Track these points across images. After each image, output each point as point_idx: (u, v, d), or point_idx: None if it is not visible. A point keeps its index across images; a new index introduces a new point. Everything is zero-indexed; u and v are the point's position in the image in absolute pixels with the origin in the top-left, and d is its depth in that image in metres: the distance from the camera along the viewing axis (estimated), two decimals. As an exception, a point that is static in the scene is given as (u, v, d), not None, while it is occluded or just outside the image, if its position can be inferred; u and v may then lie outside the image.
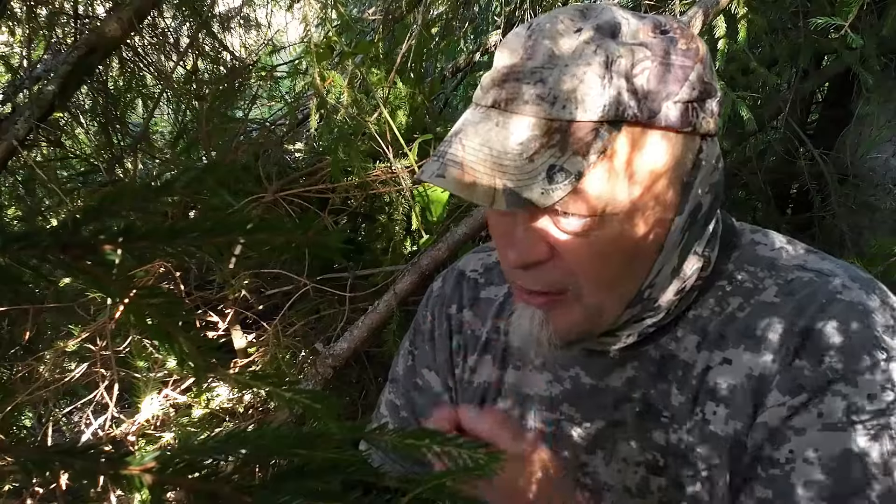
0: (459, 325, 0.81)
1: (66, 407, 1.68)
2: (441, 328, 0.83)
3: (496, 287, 0.81)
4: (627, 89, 0.56)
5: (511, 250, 0.62)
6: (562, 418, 0.72)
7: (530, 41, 0.59)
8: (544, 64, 0.57)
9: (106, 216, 0.22)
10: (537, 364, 0.74)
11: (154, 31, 1.99)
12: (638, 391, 0.68)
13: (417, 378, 0.85)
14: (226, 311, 1.66)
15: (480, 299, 0.81)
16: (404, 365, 0.87)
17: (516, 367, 0.76)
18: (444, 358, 0.82)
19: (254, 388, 0.32)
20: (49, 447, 0.31)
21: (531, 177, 0.56)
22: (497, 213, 0.63)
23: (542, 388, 0.73)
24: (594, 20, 0.59)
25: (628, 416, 0.68)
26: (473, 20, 2.64)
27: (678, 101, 0.57)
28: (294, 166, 1.98)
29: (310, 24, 1.71)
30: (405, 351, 0.88)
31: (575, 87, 0.56)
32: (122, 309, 0.27)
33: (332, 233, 0.23)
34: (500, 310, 0.79)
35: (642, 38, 0.58)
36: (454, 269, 0.86)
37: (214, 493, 0.30)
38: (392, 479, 0.35)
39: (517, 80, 0.58)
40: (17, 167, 1.81)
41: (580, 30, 0.58)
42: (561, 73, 0.56)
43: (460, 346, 0.81)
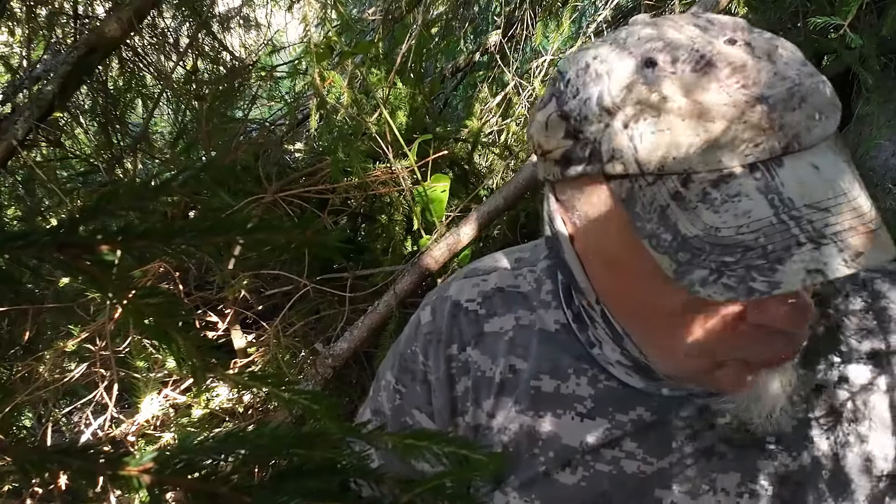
0: (466, 367, 0.71)
1: (65, 407, 1.68)
2: (438, 371, 0.72)
3: (500, 318, 0.71)
4: None
5: (802, 306, 0.51)
6: (621, 456, 0.64)
7: (769, 62, 0.48)
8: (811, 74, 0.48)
9: (104, 215, 0.22)
10: (585, 411, 0.65)
11: (154, 31, 1.99)
12: (722, 419, 0.61)
13: (407, 417, 0.76)
14: (225, 312, 1.66)
15: (486, 334, 0.71)
16: (391, 402, 0.78)
17: (555, 416, 0.66)
18: (442, 403, 0.72)
19: (253, 388, 0.32)
20: (48, 447, 0.31)
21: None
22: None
23: (594, 434, 0.65)
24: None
25: (715, 445, 0.62)
26: (473, 20, 2.65)
27: None
28: (294, 166, 1.98)
29: (309, 24, 1.71)
30: (391, 387, 0.77)
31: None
32: (121, 309, 0.27)
33: (330, 232, 0.23)
34: (511, 346, 0.70)
35: None
36: (445, 299, 0.75)
37: (213, 493, 0.30)
38: (392, 479, 0.35)
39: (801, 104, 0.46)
40: (17, 167, 1.81)
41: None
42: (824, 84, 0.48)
43: (469, 389, 0.71)
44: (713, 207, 0.46)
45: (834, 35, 1.31)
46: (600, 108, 0.50)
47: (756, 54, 0.48)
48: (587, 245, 0.57)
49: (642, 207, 0.48)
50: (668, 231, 0.47)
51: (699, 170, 0.46)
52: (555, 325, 0.69)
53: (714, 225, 0.46)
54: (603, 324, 0.61)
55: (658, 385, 0.63)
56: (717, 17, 0.52)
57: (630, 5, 2.46)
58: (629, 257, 0.52)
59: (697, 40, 0.49)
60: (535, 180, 1.50)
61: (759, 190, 0.45)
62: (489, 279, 0.74)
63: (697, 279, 0.46)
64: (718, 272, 0.45)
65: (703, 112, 0.46)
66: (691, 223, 0.46)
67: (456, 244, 1.48)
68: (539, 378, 0.67)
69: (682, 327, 0.54)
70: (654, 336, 0.57)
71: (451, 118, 2.62)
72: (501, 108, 2.17)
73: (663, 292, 0.51)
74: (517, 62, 2.29)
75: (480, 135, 1.97)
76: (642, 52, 0.50)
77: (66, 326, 1.57)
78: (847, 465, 0.60)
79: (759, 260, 0.44)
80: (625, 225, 0.50)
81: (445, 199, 1.65)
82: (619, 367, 0.64)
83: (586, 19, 2.54)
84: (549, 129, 0.54)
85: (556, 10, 2.26)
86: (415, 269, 1.49)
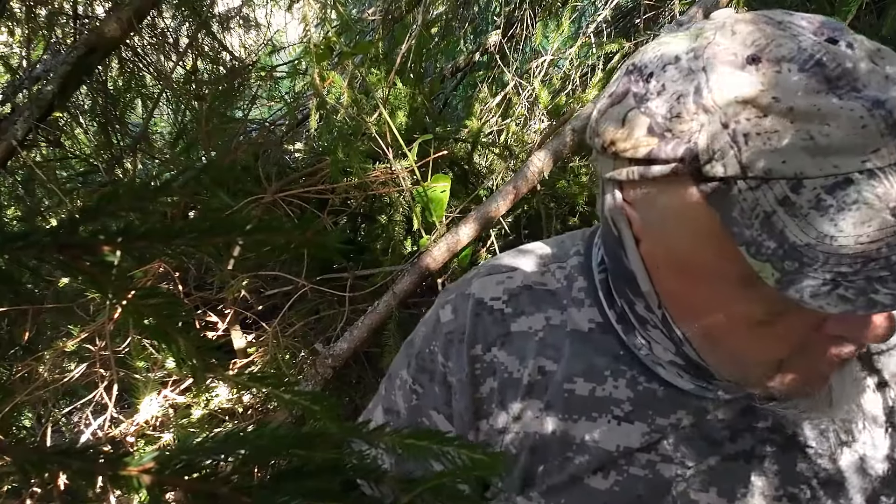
0: (492, 369, 0.68)
1: (65, 407, 1.68)
2: (461, 373, 0.69)
3: (529, 317, 0.68)
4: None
5: (887, 320, 0.49)
6: (657, 459, 0.62)
7: (872, 63, 0.46)
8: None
9: (104, 216, 0.22)
10: (622, 414, 0.63)
11: (153, 31, 1.99)
12: (763, 421, 0.61)
13: (423, 418, 0.73)
14: (225, 312, 1.66)
15: (513, 334, 0.68)
16: (407, 402, 0.74)
17: (590, 419, 0.64)
18: (464, 406, 0.69)
19: (253, 388, 0.32)
20: (47, 448, 0.31)
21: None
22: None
23: (632, 438, 0.63)
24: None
25: (755, 447, 0.61)
26: (473, 20, 2.65)
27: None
28: (294, 166, 1.98)
29: (309, 25, 1.71)
30: (407, 386, 0.74)
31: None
32: (121, 309, 0.27)
33: (330, 233, 0.23)
34: (541, 346, 0.67)
35: None
36: (467, 297, 0.71)
37: (213, 493, 0.30)
38: (392, 479, 0.35)
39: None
40: (17, 167, 1.81)
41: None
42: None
43: (494, 391, 0.68)
44: (828, 215, 0.43)
45: (834, 35, 1.31)
46: (697, 105, 0.47)
47: (859, 55, 0.45)
48: (658, 248, 0.54)
49: (741, 212, 0.46)
50: (773, 238, 0.44)
51: (812, 175, 0.43)
52: (588, 324, 0.66)
53: (828, 233, 0.43)
54: (661, 327, 0.59)
55: (708, 386, 0.61)
56: (804, 14, 0.49)
57: (630, 5, 2.46)
58: (711, 262, 0.50)
59: (803, 39, 0.46)
60: (535, 181, 1.50)
61: (878, 197, 0.42)
62: (514, 276, 0.71)
63: (807, 289, 0.43)
64: (833, 283, 0.43)
65: (815, 114, 0.43)
66: (802, 230, 0.44)
67: (456, 244, 1.48)
68: (573, 381, 0.65)
69: (754, 335, 0.52)
70: (720, 343, 0.55)
71: (451, 118, 2.62)
72: (501, 109, 2.16)
73: (742, 300, 0.50)
74: (517, 62, 2.29)
75: (480, 135, 1.97)
76: (742, 49, 0.47)
77: (66, 326, 1.57)
78: (843, 464, 0.60)
79: (882, 271, 0.42)
80: (714, 229, 0.48)
81: (445, 199, 1.65)
82: (670, 368, 0.62)
83: (586, 19, 2.54)
84: (626, 126, 0.51)
85: (556, 10, 2.26)
86: (414, 270, 1.49)
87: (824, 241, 0.43)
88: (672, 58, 0.50)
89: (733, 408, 0.61)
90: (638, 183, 0.52)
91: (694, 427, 0.61)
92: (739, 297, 0.50)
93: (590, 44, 2.17)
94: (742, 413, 0.61)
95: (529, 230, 1.87)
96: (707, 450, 0.61)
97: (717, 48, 0.48)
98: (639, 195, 0.53)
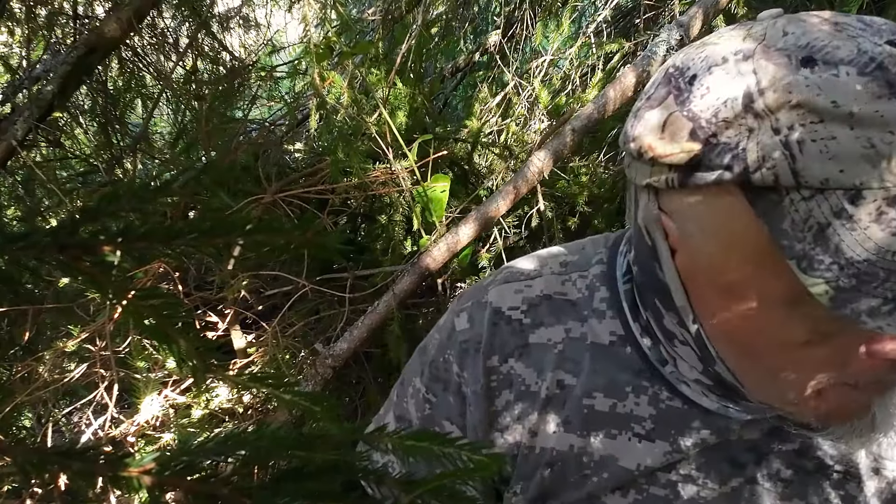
0: (508, 380, 0.66)
1: (65, 407, 1.68)
2: (476, 384, 0.66)
3: (548, 329, 0.66)
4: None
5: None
6: (679, 480, 0.60)
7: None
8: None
9: (104, 216, 0.22)
10: (644, 432, 0.61)
11: (153, 31, 1.99)
12: (788, 444, 0.59)
13: (436, 427, 0.71)
14: (225, 312, 1.66)
15: (531, 346, 0.65)
16: (420, 411, 0.72)
17: (610, 436, 0.62)
18: (479, 418, 0.66)
19: (254, 389, 0.32)
20: (48, 448, 0.31)
21: None
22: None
23: (654, 458, 0.61)
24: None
25: (780, 471, 0.58)
26: (473, 20, 2.65)
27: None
28: (294, 167, 1.98)
29: (309, 25, 1.71)
30: (420, 395, 0.72)
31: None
32: (122, 310, 0.27)
33: (331, 234, 0.23)
34: (560, 360, 0.64)
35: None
36: (483, 305, 0.69)
37: (213, 494, 0.30)
38: (392, 480, 0.35)
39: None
40: (17, 167, 1.81)
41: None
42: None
43: (510, 403, 0.66)
44: (890, 228, 0.40)
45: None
46: (747, 109, 0.44)
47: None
48: (696, 260, 0.51)
49: (792, 224, 0.43)
50: (827, 253, 0.42)
51: (873, 185, 0.40)
52: (609, 336, 0.64)
53: (891, 248, 0.40)
54: (693, 344, 0.56)
55: (734, 406, 0.59)
56: (863, 17, 0.46)
57: (630, 5, 2.46)
58: (754, 278, 0.47)
59: (862, 41, 0.43)
60: (535, 181, 1.50)
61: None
62: (534, 285, 0.68)
63: (865, 309, 0.41)
64: (894, 302, 0.40)
65: (877, 120, 0.40)
66: (861, 245, 0.41)
67: (455, 244, 1.48)
68: (592, 396, 0.62)
69: (795, 356, 0.49)
70: (758, 363, 0.52)
71: (450, 118, 2.62)
72: (501, 109, 2.17)
73: (787, 319, 0.47)
74: (517, 62, 2.29)
75: (480, 135, 1.97)
76: (795, 51, 0.44)
77: (66, 327, 1.57)
78: (869, 490, 0.58)
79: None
80: (761, 243, 0.45)
81: (445, 199, 1.65)
82: (694, 386, 0.59)
83: (586, 19, 2.54)
84: (666, 130, 0.48)
85: (556, 10, 2.26)
86: (414, 270, 1.49)
87: (886, 256, 0.40)
88: (719, 59, 0.47)
89: (759, 429, 0.59)
90: (677, 191, 0.49)
91: (718, 448, 0.59)
92: (784, 317, 0.47)
93: (590, 44, 2.17)
94: (768, 434, 0.59)
95: (529, 230, 1.87)
96: (730, 472, 0.59)
97: (769, 49, 0.45)
98: (677, 204, 0.50)
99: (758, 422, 0.59)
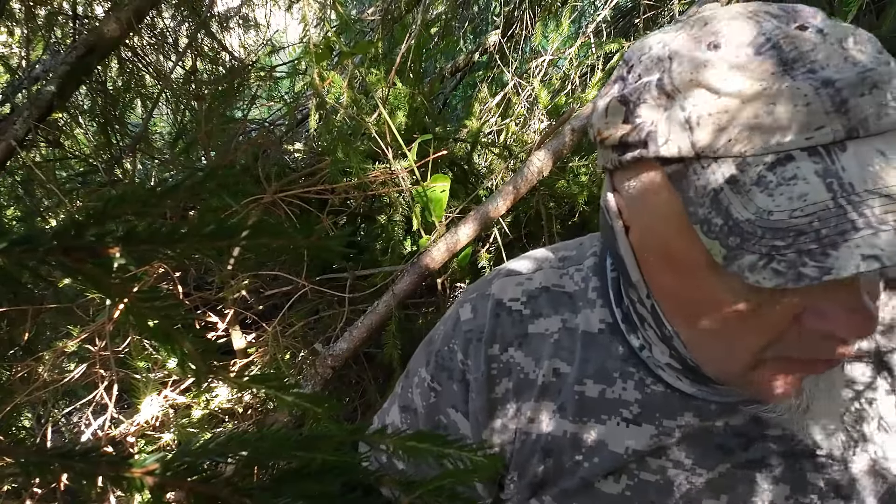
0: (508, 369, 0.69)
1: (65, 407, 1.68)
2: (478, 372, 0.69)
3: (546, 319, 0.69)
4: None
5: (866, 315, 0.47)
6: (668, 465, 0.62)
7: (840, 47, 0.46)
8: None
9: (110, 219, 0.22)
10: (631, 416, 0.63)
11: (153, 31, 1.99)
12: (774, 429, 0.60)
13: (441, 416, 0.73)
14: (225, 312, 1.66)
15: (530, 335, 0.69)
16: (425, 400, 0.74)
17: (600, 422, 0.64)
18: (479, 405, 0.69)
19: (254, 389, 0.32)
20: (51, 449, 0.31)
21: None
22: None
23: (641, 441, 0.63)
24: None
25: (765, 456, 0.60)
26: (473, 20, 2.65)
27: None
28: (293, 167, 1.98)
29: (309, 25, 1.71)
30: (425, 384, 0.74)
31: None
32: (123, 311, 0.27)
33: (334, 236, 0.23)
34: (556, 348, 0.67)
35: None
36: (486, 297, 0.72)
37: (214, 495, 0.30)
38: (392, 480, 0.35)
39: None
40: (16, 167, 1.81)
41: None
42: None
43: (509, 391, 0.68)
44: (767, 190, 0.44)
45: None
46: (660, 91, 0.49)
47: (828, 40, 0.46)
48: (642, 235, 0.55)
49: (695, 192, 0.47)
50: (720, 215, 0.46)
51: (756, 153, 0.45)
52: (599, 324, 0.66)
53: (767, 208, 0.44)
54: (652, 322, 0.59)
55: (709, 390, 0.61)
56: (794, 5, 0.50)
57: (629, 5, 2.46)
58: (682, 246, 0.50)
59: (766, 25, 0.47)
60: (535, 181, 1.50)
61: (816, 173, 0.43)
62: (534, 278, 0.72)
63: (747, 264, 0.44)
64: (768, 256, 0.43)
65: (764, 95, 0.44)
66: (744, 207, 0.45)
67: (455, 244, 1.48)
68: (583, 383, 0.65)
69: (730, 326, 0.52)
70: (701, 333, 0.55)
71: (450, 118, 2.62)
72: (501, 108, 2.17)
73: (715, 284, 0.50)
74: (516, 62, 2.29)
75: (480, 135, 1.97)
76: (707, 37, 0.49)
77: (66, 327, 1.57)
78: (855, 469, 0.59)
79: (811, 244, 0.42)
80: (679, 211, 0.49)
81: (445, 199, 1.65)
82: (669, 371, 0.61)
83: (586, 19, 2.55)
84: (609, 114, 0.53)
85: (556, 10, 2.26)
86: (414, 270, 1.49)
87: (763, 216, 0.44)
88: (648, 47, 0.52)
89: (745, 415, 0.60)
90: (620, 170, 0.54)
91: (705, 433, 0.61)
92: (713, 284, 0.50)
93: (589, 44, 2.17)
94: (755, 420, 0.60)
95: (529, 230, 1.88)
96: (719, 457, 0.61)
97: (688, 37, 0.50)
98: (623, 183, 0.55)
99: (742, 407, 0.60)
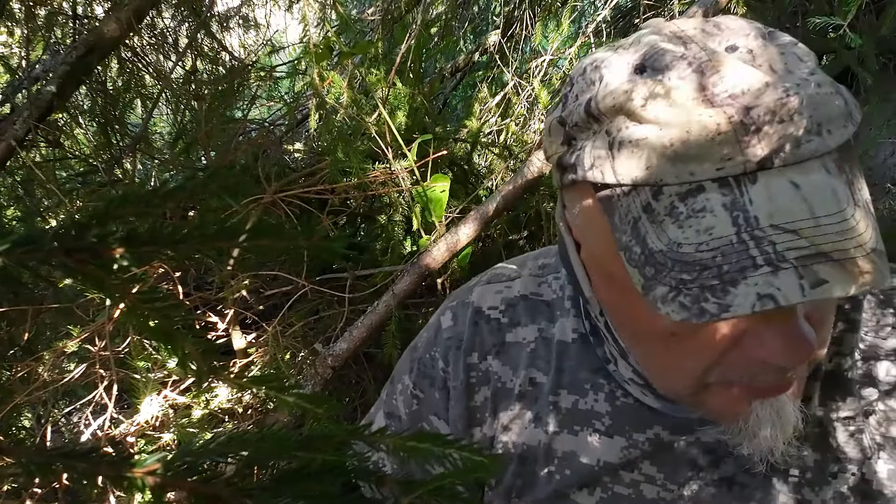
0: (486, 377, 0.69)
1: (65, 407, 1.68)
2: (457, 380, 0.69)
3: (523, 328, 0.68)
4: None
5: (800, 342, 0.46)
6: (641, 479, 0.61)
7: (769, 72, 0.44)
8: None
9: (111, 220, 0.22)
10: (603, 428, 0.63)
11: (153, 31, 1.99)
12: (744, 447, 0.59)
13: (424, 423, 0.73)
14: (225, 312, 1.66)
15: (507, 344, 0.68)
16: (408, 407, 0.74)
17: (573, 433, 0.64)
18: (458, 413, 0.69)
19: (254, 389, 0.32)
20: (50, 449, 0.31)
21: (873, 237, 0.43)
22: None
23: (612, 453, 0.62)
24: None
25: (736, 474, 0.59)
26: (473, 20, 2.65)
27: None
28: (293, 167, 1.98)
29: (309, 25, 1.71)
30: (408, 392, 0.74)
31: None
32: (123, 311, 0.27)
33: (335, 237, 0.24)
34: (532, 358, 0.67)
35: None
36: (467, 305, 0.72)
37: (215, 495, 0.30)
38: (392, 481, 0.35)
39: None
40: (16, 168, 1.81)
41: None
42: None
43: (487, 399, 0.68)
44: (678, 222, 0.43)
45: (833, 35, 1.32)
46: (588, 114, 0.47)
47: (756, 63, 0.44)
48: (588, 253, 0.55)
49: (619, 218, 0.46)
50: (639, 244, 0.45)
51: (670, 182, 0.43)
52: (572, 334, 0.66)
53: (677, 240, 0.43)
54: (610, 337, 0.59)
55: (672, 406, 0.60)
56: (730, 22, 0.48)
57: (629, 5, 2.46)
58: (617, 269, 0.49)
59: (693, 47, 0.46)
60: (535, 180, 1.50)
61: (724, 206, 0.42)
62: (513, 286, 0.71)
63: (660, 295, 0.43)
64: (677, 290, 0.42)
65: (680, 122, 0.43)
66: (658, 237, 0.44)
67: (455, 244, 1.48)
68: (557, 393, 0.65)
69: (670, 348, 0.51)
70: (648, 352, 0.54)
71: (450, 118, 2.62)
72: (501, 108, 2.17)
73: (650, 307, 0.48)
74: (516, 62, 2.29)
75: (480, 135, 1.97)
76: (635, 59, 0.47)
77: (66, 327, 1.57)
78: (877, 469, 0.58)
79: (713, 280, 0.41)
80: (610, 235, 0.48)
81: (445, 199, 1.65)
82: (633, 385, 0.61)
83: (586, 19, 2.55)
84: (551, 134, 0.52)
85: (556, 10, 2.26)
86: (414, 270, 1.49)
87: (673, 247, 0.43)
88: (584, 67, 0.51)
89: (716, 432, 0.59)
90: (564, 189, 0.53)
91: (675, 449, 0.60)
92: (649, 307, 0.48)
93: (589, 44, 2.17)
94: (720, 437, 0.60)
95: (529, 230, 1.88)
96: (689, 474, 0.60)
97: (619, 58, 0.48)
98: (568, 200, 0.54)
99: (711, 425, 0.59)
